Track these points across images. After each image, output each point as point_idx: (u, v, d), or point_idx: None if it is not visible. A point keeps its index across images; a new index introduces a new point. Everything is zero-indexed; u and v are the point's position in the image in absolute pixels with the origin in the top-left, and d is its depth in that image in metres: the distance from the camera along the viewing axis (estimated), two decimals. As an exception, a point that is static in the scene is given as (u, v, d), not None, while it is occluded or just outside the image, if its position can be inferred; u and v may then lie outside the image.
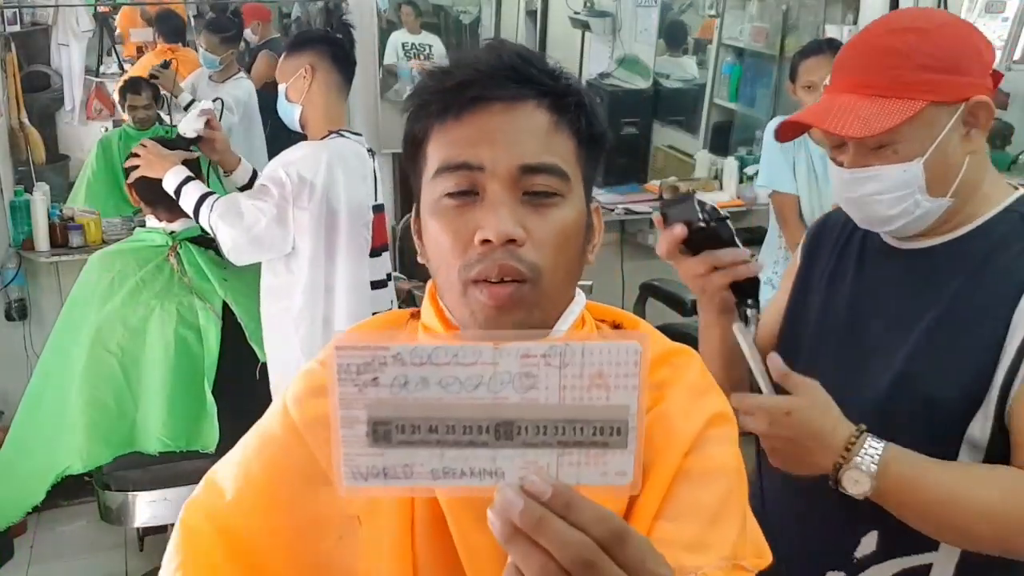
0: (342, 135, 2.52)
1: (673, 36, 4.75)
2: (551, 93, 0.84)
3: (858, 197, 1.21)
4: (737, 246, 1.15)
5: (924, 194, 1.18)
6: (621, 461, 0.59)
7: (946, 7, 4.68)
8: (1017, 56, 5.46)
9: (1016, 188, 1.25)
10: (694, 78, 4.81)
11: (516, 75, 0.83)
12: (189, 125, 2.64)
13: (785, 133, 1.28)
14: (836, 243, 1.37)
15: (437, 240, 0.84)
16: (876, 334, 1.25)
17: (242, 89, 3.96)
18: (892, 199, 1.18)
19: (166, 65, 3.83)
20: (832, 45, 3.20)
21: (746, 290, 1.17)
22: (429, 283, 0.92)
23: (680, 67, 4.79)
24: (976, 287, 1.18)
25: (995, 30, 5.35)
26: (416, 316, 0.96)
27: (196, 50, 4.06)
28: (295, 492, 0.88)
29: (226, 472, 0.93)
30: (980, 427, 1.15)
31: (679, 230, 1.13)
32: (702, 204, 1.11)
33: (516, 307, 0.81)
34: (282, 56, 2.58)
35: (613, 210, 4.22)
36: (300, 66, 2.49)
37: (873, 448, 1.10)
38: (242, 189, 2.75)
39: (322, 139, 2.50)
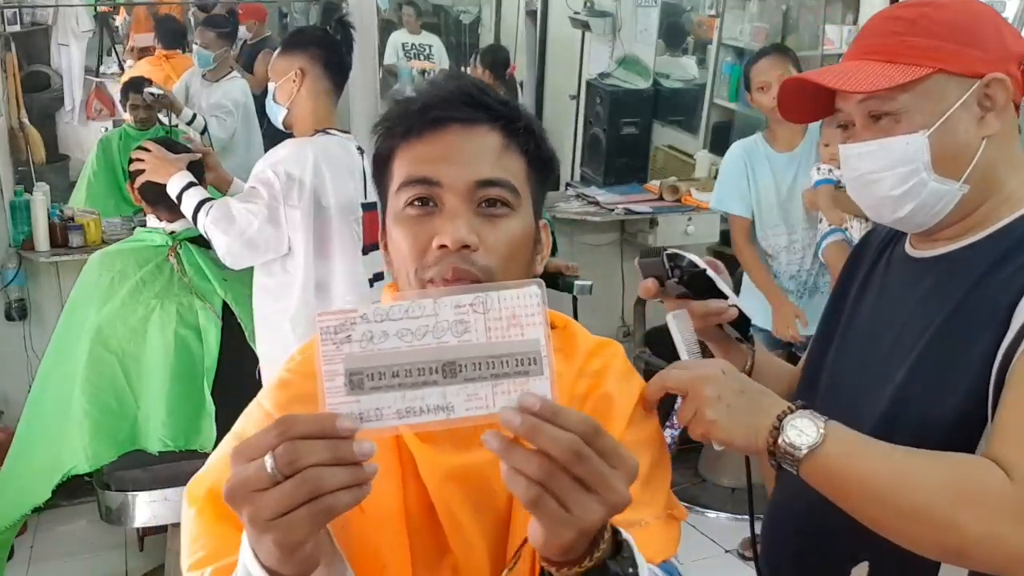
0: (329, 133, 2.52)
1: (673, 36, 4.75)
2: (503, 117, 0.93)
3: (859, 176, 1.14)
4: (720, 294, 1.15)
5: (930, 172, 1.09)
6: (541, 386, 0.72)
7: (946, 7, 4.68)
8: (1017, 56, 5.47)
9: None
10: (694, 78, 4.81)
11: (472, 100, 0.93)
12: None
13: (793, 108, 1.19)
14: (872, 257, 1.29)
15: (398, 246, 0.92)
16: (888, 349, 1.16)
17: (238, 89, 3.96)
18: (895, 177, 1.10)
19: (158, 94, 3.80)
20: (779, 48, 3.31)
21: (738, 326, 1.19)
22: (386, 291, 1.02)
23: (680, 67, 4.79)
24: (978, 295, 1.07)
25: (995, 30, 5.35)
26: None
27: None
28: None
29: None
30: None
31: (651, 284, 1.16)
32: (675, 259, 1.15)
33: None
34: (276, 53, 2.57)
35: (613, 210, 4.21)
36: (291, 68, 2.49)
37: (812, 412, 0.99)
38: None
39: (310, 137, 2.51)
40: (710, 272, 1.15)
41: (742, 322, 1.18)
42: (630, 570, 0.78)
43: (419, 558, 0.91)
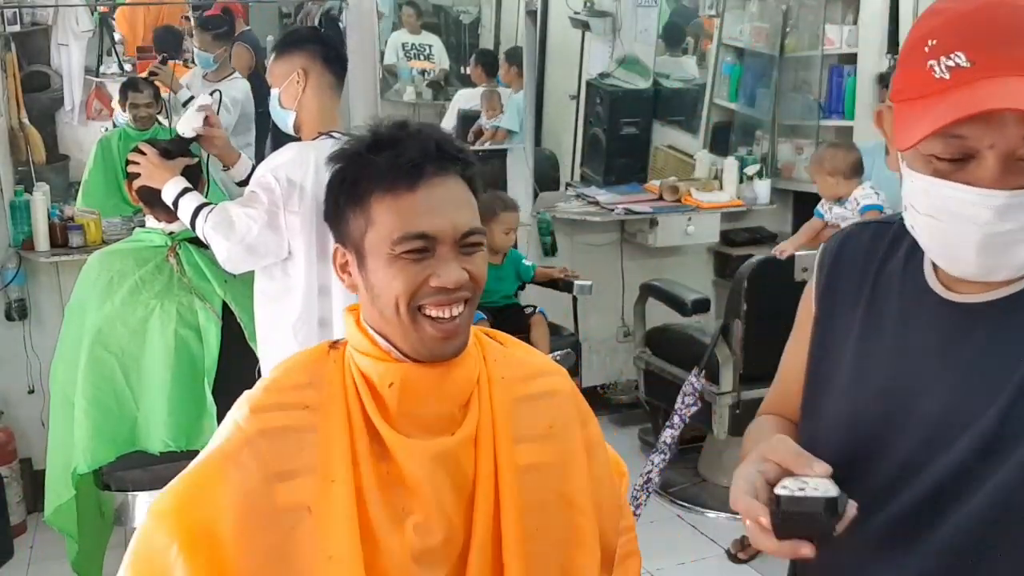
0: (332, 136, 2.51)
1: (673, 36, 4.74)
2: (463, 165, 1.13)
3: (1005, 232, 0.89)
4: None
5: None
6: None
7: (946, 7, 4.67)
8: (1017, 56, 5.45)
9: None
10: (694, 78, 4.80)
11: (445, 154, 1.11)
12: (188, 124, 2.63)
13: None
14: (862, 284, 1.11)
15: (388, 283, 1.08)
16: (947, 399, 1.00)
17: (238, 89, 3.95)
18: None
19: (164, 62, 3.84)
20: None
21: None
22: (347, 313, 1.18)
23: (680, 67, 4.78)
24: None
25: (995, 30, 5.34)
26: (335, 346, 1.18)
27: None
28: (254, 489, 1.06)
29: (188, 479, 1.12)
30: None
31: (807, 549, 0.90)
32: (829, 508, 0.90)
33: (455, 336, 1.10)
34: (271, 59, 2.56)
35: (613, 210, 4.22)
36: (292, 70, 2.48)
37: None
38: (242, 184, 2.75)
39: (311, 141, 2.50)
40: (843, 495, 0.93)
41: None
42: None
43: (382, 524, 1.07)
